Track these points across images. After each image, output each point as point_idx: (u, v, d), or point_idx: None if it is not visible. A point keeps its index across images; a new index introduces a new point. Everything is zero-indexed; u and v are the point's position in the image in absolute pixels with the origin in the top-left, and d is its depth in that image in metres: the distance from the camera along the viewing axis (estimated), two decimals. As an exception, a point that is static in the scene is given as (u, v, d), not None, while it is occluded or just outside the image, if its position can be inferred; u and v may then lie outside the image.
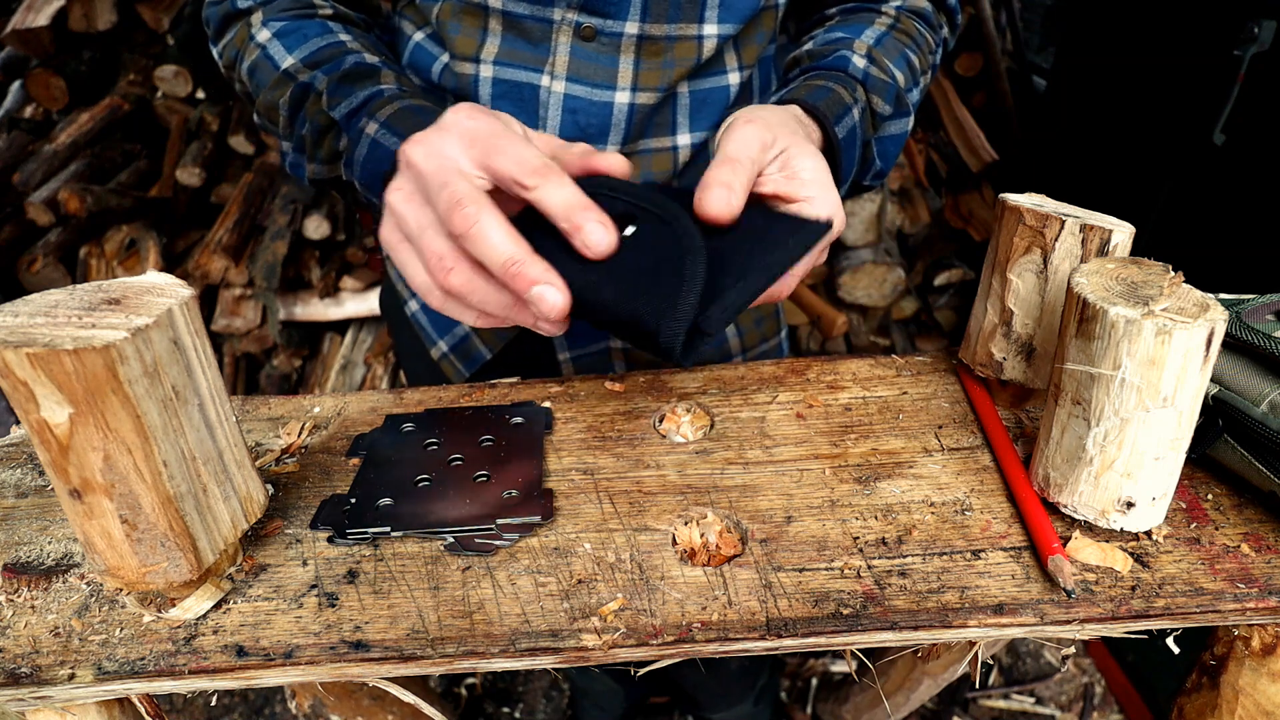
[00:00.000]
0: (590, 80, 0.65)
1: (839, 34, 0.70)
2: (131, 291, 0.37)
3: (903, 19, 0.72)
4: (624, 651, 0.39)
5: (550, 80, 0.65)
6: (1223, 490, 0.47)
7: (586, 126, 0.67)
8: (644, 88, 0.66)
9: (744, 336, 0.82)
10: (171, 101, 1.81)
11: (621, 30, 0.63)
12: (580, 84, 0.65)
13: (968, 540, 0.44)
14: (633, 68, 0.65)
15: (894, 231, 1.96)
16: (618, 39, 0.64)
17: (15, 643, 0.39)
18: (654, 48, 0.65)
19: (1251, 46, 1.23)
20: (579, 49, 0.64)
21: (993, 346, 0.52)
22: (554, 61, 0.65)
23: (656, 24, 0.64)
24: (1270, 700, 0.44)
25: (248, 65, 0.67)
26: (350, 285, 1.88)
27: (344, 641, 0.39)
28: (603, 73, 0.65)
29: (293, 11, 0.70)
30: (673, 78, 0.66)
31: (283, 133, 0.65)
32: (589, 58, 0.64)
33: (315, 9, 0.71)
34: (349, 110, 0.60)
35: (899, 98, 0.66)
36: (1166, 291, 0.39)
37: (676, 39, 0.65)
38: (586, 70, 0.65)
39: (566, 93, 0.66)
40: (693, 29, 0.64)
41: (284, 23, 0.69)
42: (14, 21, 1.68)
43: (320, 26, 0.69)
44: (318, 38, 0.68)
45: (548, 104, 0.66)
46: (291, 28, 0.69)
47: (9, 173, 1.71)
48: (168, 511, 0.37)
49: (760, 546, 0.44)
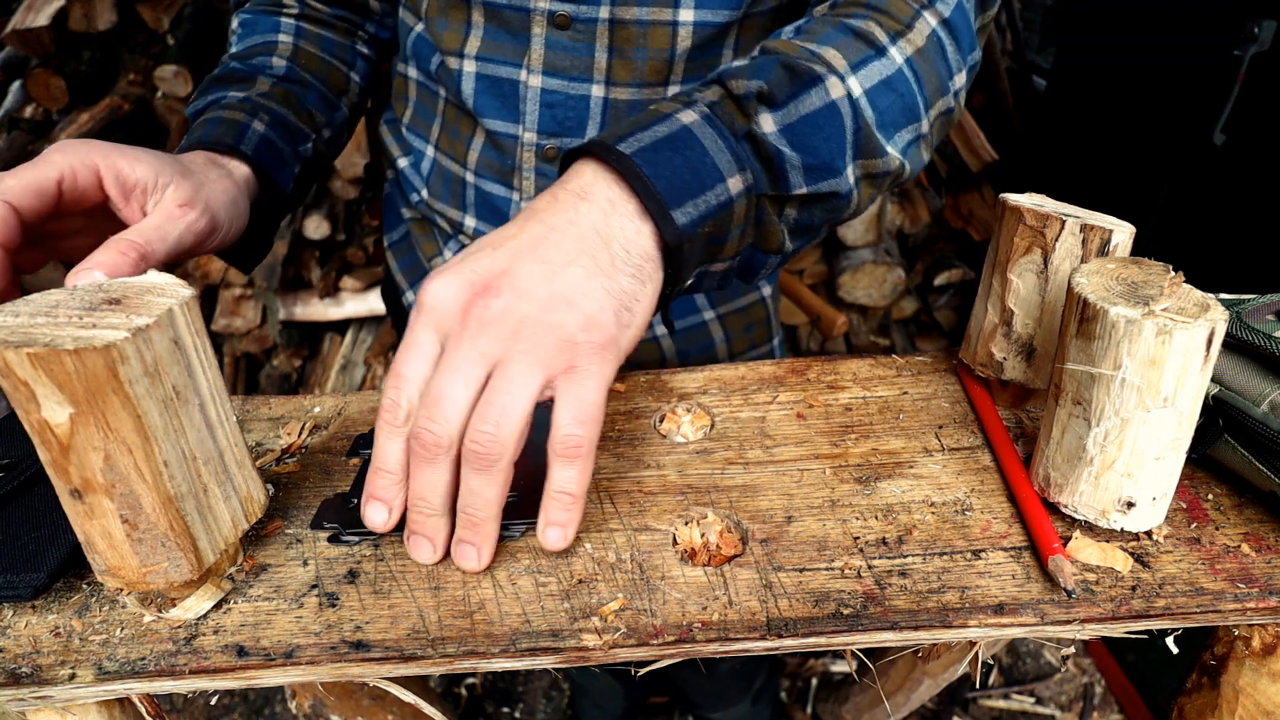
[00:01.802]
0: (566, 73, 0.65)
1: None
2: (132, 291, 0.37)
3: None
4: (624, 651, 0.39)
5: (528, 74, 0.65)
6: (1223, 490, 0.47)
7: (564, 120, 0.66)
8: (618, 81, 0.65)
9: (731, 342, 0.81)
10: (171, 101, 1.81)
11: (596, 15, 0.62)
12: (557, 77, 0.65)
13: (968, 540, 0.44)
14: (607, 58, 0.64)
15: (894, 231, 1.96)
16: (592, 26, 0.63)
17: (15, 643, 0.39)
18: (625, 34, 0.63)
19: (1251, 46, 1.23)
20: (554, 40, 0.63)
21: (993, 346, 0.52)
22: (530, 54, 0.65)
23: (626, 7, 0.62)
24: (1270, 700, 0.44)
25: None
26: (350, 285, 1.88)
27: (344, 641, 0.39)
28: (579, 64, 0.64)
29: (262, 6, 0.74)
30: (645, 72, 0.64)
31: None
32: (565, 49, 0.64)
33: (281, 6, 0.73)
34: (193, 110, 0.65)
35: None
36: (1167, 291, 0.39)
37: (649, 24, 0.62)
38: (562, 63, 0.64)
39: (543, 87, 0.65)
40: (666, 14, 0.62)
41: (249, 15, 0.73)
42: (14, 21, 1.68)
43: (271, 24, 0.72)
44: (259, 35, 0.71)
45: (526, 98, 0.66)
46: (251, 21, 0.73)
47: (9, 173, 1.70)
48: (168, 511, 0.37)
49: (760, 546, 0.44)
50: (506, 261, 0.39)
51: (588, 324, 0.39)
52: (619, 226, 0.41)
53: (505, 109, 0.67)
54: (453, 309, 0.39)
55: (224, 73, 0.68)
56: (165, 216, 0.50)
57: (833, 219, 0.50)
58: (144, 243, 0.48)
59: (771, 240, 0.48)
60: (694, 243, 0.43)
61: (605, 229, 0.41)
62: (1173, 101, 1.41)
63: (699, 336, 0.79)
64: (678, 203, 0.41)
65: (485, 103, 0.67)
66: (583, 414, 0.39)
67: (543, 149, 0.67)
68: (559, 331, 0.38)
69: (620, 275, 0.40)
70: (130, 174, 0.51)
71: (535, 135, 0.67)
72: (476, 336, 0.38)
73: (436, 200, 0.74)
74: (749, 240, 0.48)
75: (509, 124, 0.67)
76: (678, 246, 0.42)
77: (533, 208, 0.42)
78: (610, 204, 0.41)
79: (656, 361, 0.78)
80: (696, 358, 0.79)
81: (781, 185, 0.46)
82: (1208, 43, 1.31)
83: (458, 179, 0.72)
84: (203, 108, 0.65)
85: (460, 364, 0.38)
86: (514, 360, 0.38)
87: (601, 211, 0.41)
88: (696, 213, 0.42)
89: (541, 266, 0.39)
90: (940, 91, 0.53)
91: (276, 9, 0.73)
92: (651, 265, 0.42)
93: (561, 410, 0.39)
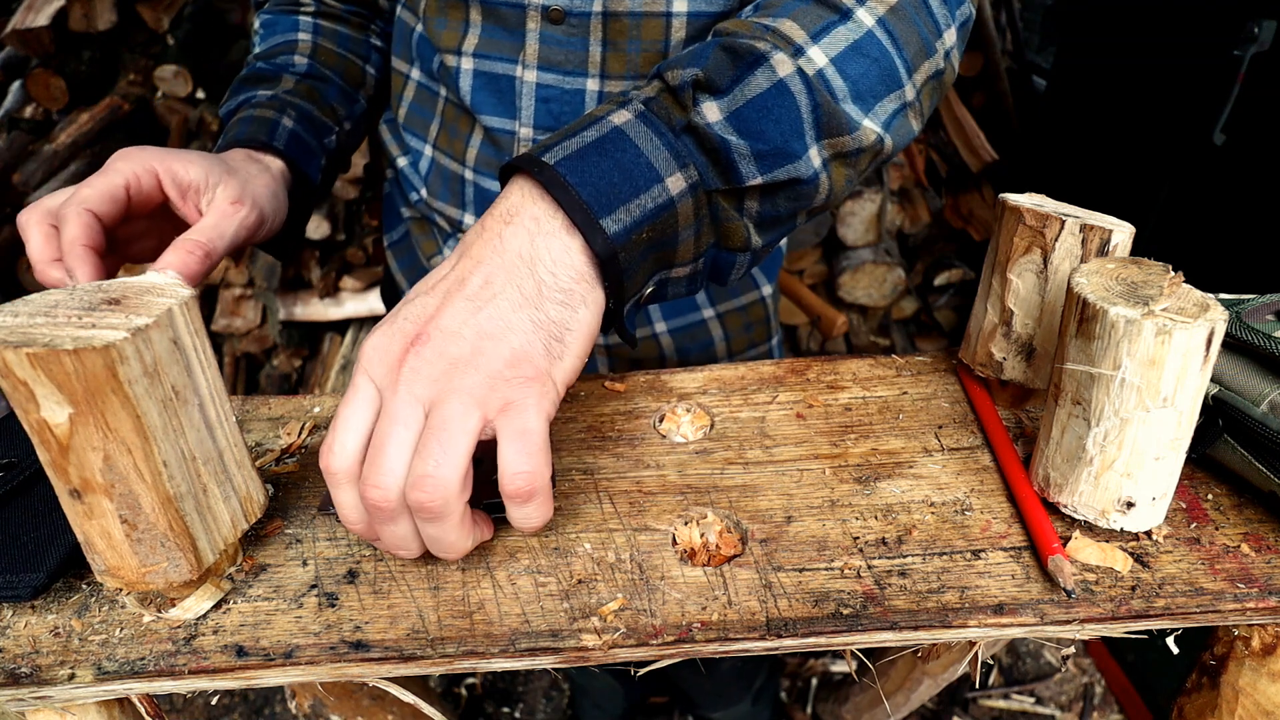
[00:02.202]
0: (561, 68, 0.65)
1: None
2: (131, 291, 0.37)
3: None
4: (624, 651, 0.39)
5: (523, 70, 0.65)
6: (1223, 490, 0.47)
7: (560, 115, 0.66)
8: (612, 74, 0.64)
9: (731, 341, 0.81)
10: (171, 101, 1.81)
11: (589, 9, 0.62)
12: (552, 72, 0.65)
13: (968, 540, 0.44)
14: (601, 50, 0.64)
15: (894, 231, 1.96)
16: (586, 20, 0.62)
17: (15, 643, 0.39)
18: (619, 26, 0.62)
19: (1251, 46, 1.23)
20: (548, 35, 0.64)
21: (993, 346, 0.52)
22: (525, 50, 0.65)
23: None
24: (1270, 700, 0.44)
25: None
26: (350, 285, 1.88)
27: (344, 641, 0.39)
28: (574, 59, 0.64)
29: (281, 6, 0.74)
30: (639, 64, 0.64)
31: None
32: (559, 43, 0.64)
33: (299, 5, 0.74)
34: (226, 111, 0.66)
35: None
36: (1166, 291, 0.39)
37: (642, 16, 0.62)
38: (557, 57, 0.64)
39: (538, 82, 0.65)
40: (659, 5, 0.61)
41: (270, 15, 0.74)
42: (14, 21, 1.68)
43: (290, 23, 0.74)
44: (280, 34, 0.72)
45: (521, 94, 0.66)
46: (271, 21, 0.73)
47: (9, 173, 1.71)
48: (168, 511, 0.37)
49: (760, 546, 0.44)
50: (436, 304, 0.39)
51: (514, 359, 0.38)
52: (544, 247, 0.39)
53: (502, 105, 0.67)
54: (388, 361, 0.38)
55: (251, 73, 0.72)
56: (220, 214, 0.55)
57: (802, 206, 0.47)
58: (206, 241, 0.53)
59: (734, 238, 0.45)
60: (631, 251, 0.40)
61: (531, 253, 0.39)
62: (1173, 101, 1.41)
63: (699, 335, 0.79)
64: (607, 210, 0.39)
65: (482, 100, 0.67)
66: (526, 447, 0.38)
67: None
68: (486, 369, 0.37)
69: (548, 303, 0.39)
70: (185, 175, 0.55)
71: (531, 130, 0.67)
72: (412, 384, 0.38)
73: (435, 199, 0.74)
74: (709, 241, 0.45)
75: (506, 120, 0.67)
76: (611, 257, 0.40)
77: (464, 241, 0.41)
78: (535, 222, 0.40)
79: (656, 359, 0.78)
80: (696, 356, 0.80)
81: (733, 177, 0.43)
82: (1208, 43, 1.31)
83: (456, 177, 0.72)
84: (234, 108, 0.68)
85: (398, 411, 0.37)
86: (447, 401, 0.37)
87: (527, 233, 0.39)
88: (630, 219, 0.40)
89: (467, 304, 0.38)
90: (924, 52, 0.49)
91: (294, 8, 0.76)
92: (585, 285, 0.40)
93: (504, 449, 0.38)
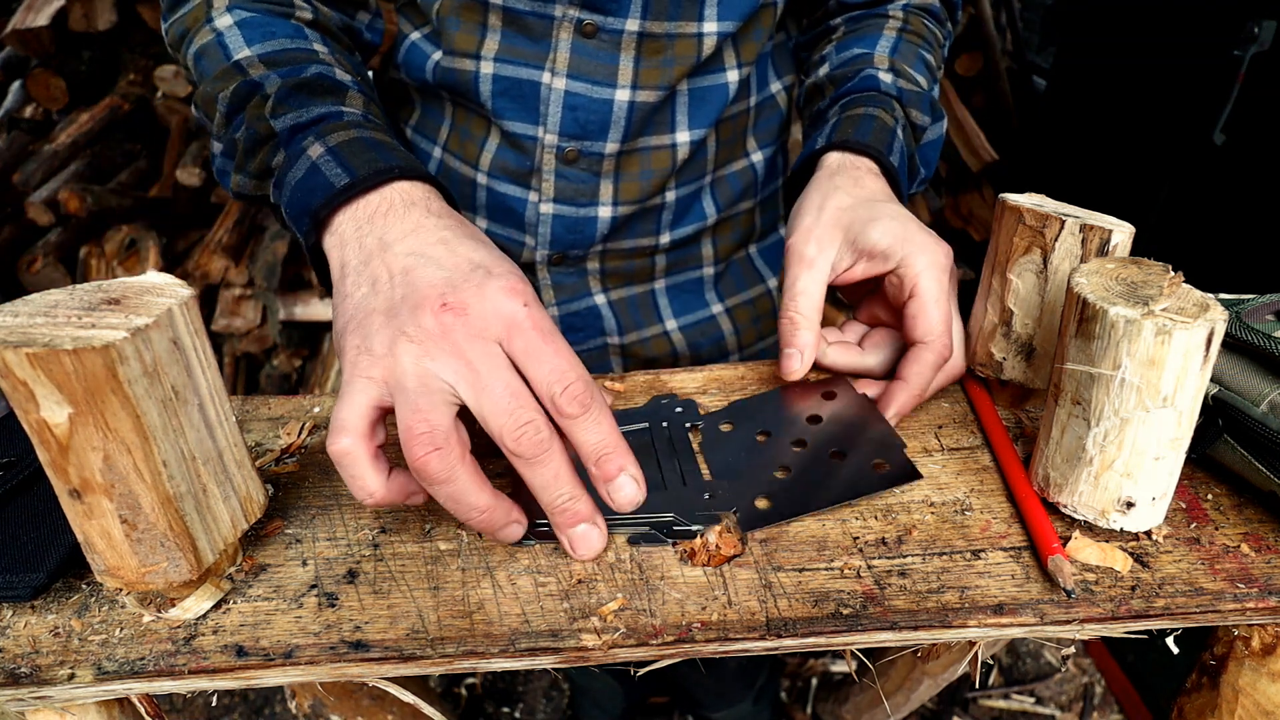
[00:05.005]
0: (591, 77, 0.65)
1: (855, 50, 0.69)
2: (131, 291, 0.37)
3: (911, 19, 0.71)
4: (624, 651, 0.39)
5: (551, 77, 0.65)
6: (1223, 490, 0.47)
7: (587, 123, 0.67)
8: (645, 85, 0.66)
9: (740, 334, 0.82)
10: (171, 101, 1.81)
11: (622, 28, 0.63)
12: (581, 80, 0.65)
13: (968, 540, 0.44)
14: (633, 65, 0.65)
15: (894, 231, 1.95)
16: (618, 36, 0.64)
17: (15, 643, 0.39)
18: (654, 45, 0.65)
19: (1251, 46, 1.23)
20: (580, 45, 0.64)
21: (993, 346, 0.52)
22: (555, 58, 0.65)
23: (657, 21, 0.64)
24: (1270, 700, 0.44)
25: (195, 49, 0.59)
26: (350, 285, 1.88)
27: (344, 641, 0.39)
28: (604, 70, 0.65)
29: (266, 5, 0.61)
30: (673, 76, 0.66)
31: (216, 132, 0.57)
32: (590, 54, 0.65)
33: (293, 9, 0.62)
34: (295, 124, 0.52)
35: (933, 104, 0.65)
36: (1166, 291, 0.39)
37: (676, 36, 0.64)
38: (588, 67, 0.65)
39: (567, 89, 0.66)
40: (692, 26, 0.64)
41: (251, 14, 0.60)
42: (14, 21, 1.68)
43: (292, 29, 0.60)
44: (286, 38, 0.59)
45: (548, 100, 0.66)
46: (258, 21, 0.60)
47: (9, 173, 1.71)
48: (167, 511, 0.37)
49: (760, 546, 0.44)
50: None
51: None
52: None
53: (524, 110, 0.67)
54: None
55: (305, 80, 0.56)
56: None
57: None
58: None
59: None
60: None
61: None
62: (1173, 101, 1.41)
63: (709, 330, 0.80)
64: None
65: (504, 104, 0.67)
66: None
67: (563, 151, 0.68)
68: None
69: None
70: None
71: (556, 137, 0.67)
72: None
73: None
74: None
75: (528, 125, 0.67)
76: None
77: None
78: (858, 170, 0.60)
79: (669, 357, 0.79)
80: (708, 350, 0.80)
81: (907, 188, 0.64)
82: (1208, 43, 1.31)
83: (467, 180, 0.72)
84: (307, 122, 0.53)
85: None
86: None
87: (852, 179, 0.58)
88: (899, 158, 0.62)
89: None
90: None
91: (287, 11, 0.62)
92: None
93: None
